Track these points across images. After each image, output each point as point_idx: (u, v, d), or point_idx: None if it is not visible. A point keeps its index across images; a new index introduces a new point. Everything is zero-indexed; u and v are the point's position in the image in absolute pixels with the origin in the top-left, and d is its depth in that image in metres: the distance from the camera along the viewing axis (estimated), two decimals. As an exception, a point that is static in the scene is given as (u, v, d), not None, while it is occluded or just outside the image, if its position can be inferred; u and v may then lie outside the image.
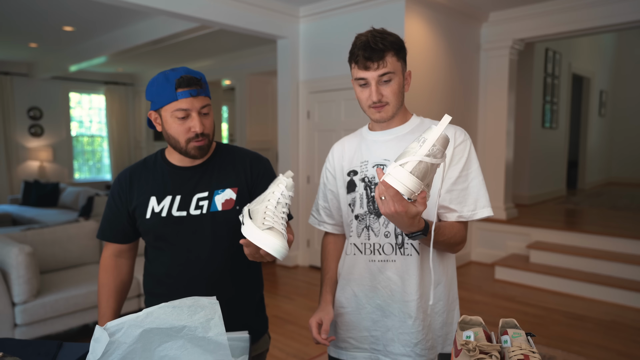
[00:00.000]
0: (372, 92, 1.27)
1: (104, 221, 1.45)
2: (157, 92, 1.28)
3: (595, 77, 8.65)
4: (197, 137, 1.30)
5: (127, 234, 1.44)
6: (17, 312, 2.93)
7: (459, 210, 1.31)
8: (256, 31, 4.72)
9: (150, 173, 1.41)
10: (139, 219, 1.38)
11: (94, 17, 5.31)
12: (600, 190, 8.62)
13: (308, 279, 4.80)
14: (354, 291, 1.41)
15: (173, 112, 1.28)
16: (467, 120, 5.30)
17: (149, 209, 1.36)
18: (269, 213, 1.11)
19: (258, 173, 1.43)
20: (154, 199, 1.37)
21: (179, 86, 1.25)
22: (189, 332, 1.01)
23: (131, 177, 1.42)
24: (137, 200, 1.38)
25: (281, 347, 3.21)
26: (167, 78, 1.27)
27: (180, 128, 1.29)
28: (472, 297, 4.25)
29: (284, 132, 5.24)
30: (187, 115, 1.28)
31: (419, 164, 0.97)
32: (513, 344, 0.98)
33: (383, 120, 1.34)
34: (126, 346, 0.99)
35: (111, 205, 1.43)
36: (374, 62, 1.25)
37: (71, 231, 3.64)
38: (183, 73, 1.27)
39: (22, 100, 8.32)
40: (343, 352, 1.44)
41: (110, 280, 1.46)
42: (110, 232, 1.44)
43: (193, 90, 1.26)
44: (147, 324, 1.00)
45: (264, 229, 1.08)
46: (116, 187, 1.43)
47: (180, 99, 1.25)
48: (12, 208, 7.21)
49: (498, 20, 5.23)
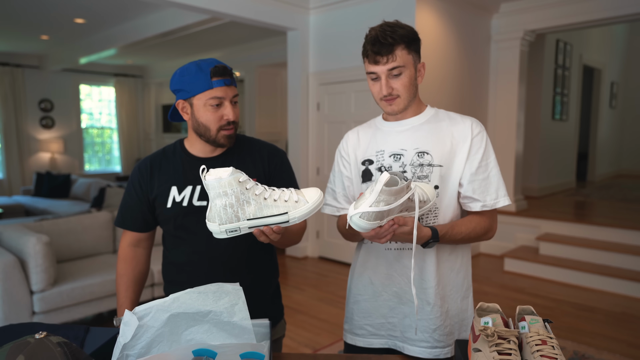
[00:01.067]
0: (382, 85, 1.30)
1: (123, 209, 1.47)
2: (190, 81, 1.31)
3: (606, 69, 8.56)
4: (229, 125, 1.34)
5: (146, 222, 1.47)
6: (35, 300, 3.00)
7: (482, 199, 1.33)
8: (267, 23, 4.73)
9: (170, 163, 1.44)
10: (158, 208, 1.41)
11: (104, 9, 5.34)
12: (610, 182, 8.56)
13: (318, 270, 4.84)
14: (370, 279, 1.43)
15: (207, 100, 1.31)
16: (477, 112, 5.29)
17: (170, 198, 1.39)
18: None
19: (275, 165, 1.46)
20: (175, 189, 1.40)
21: (214, 75, 1.29)
22: (214, 317, 1.04)
23: (152, 165, 1.44)
24: (157, 190, 1.41)
25: (292, 336, 3.26)
26: (201, 67, 1.30)
27: (213, 116, 1.32)
28: (481, 289, 4.27)
29: (294, 124, 5.25)
30: (221, 104, 1.32)
31: (368, 214, 1.05)
32: (531, 330, 1.00)
33: (395, 113, 1.36)
34: (154, 330, 1.02)
35: (131, 194, 1.45)
36: (383, 56, 1.27)
37: (85, 221, 3.69)
38: (216, 63, 1.31)
39: (33, 92, 8.39)
40: (359, 339, 1.46)
41: (128, 271, 1.48)
42: (129, 220, 1.47)
43: (227, 79, 1.30)
44: (174, 309, 1.03)
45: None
46: (136, 175, 1.45)
47: (215, 87, 1.29)
48: (25, 199, 7.30)
49: (509, 11, 5.20)
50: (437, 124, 1.37)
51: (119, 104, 9.57)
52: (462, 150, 1.33)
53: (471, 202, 1.35)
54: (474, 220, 1.33)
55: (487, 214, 1.36)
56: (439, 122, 1.38)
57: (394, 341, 1.41)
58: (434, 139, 1.35)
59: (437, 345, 1.36)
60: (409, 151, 1.35)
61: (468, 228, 1.31)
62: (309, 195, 1.10)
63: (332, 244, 5.16)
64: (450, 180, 1.34)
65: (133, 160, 9.83)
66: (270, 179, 1.44)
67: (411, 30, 1.31)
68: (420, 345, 1.36)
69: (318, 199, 1.10)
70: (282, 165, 1.48)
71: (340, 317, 3.58)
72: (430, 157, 1.33)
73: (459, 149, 1.33)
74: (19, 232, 3.13)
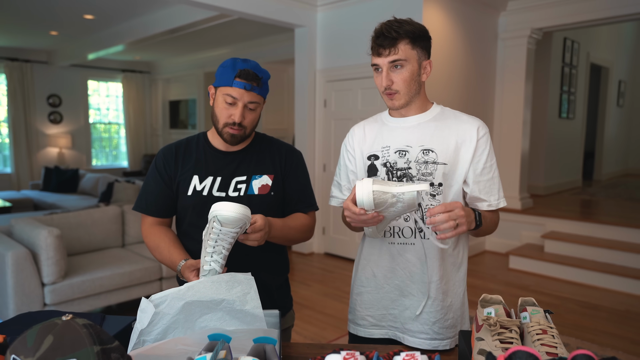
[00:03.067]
0: (383, 77, 1.33)
1: (145, 194, 1.49)
2: (221, 73, 1.38)
3: (614, 67, 8.52)
4: (234, 125, 1.38)
5: (168, 207, 1.48)
6: (47, 292, 3.06)
7: (488, 199, 1.38)
8: (275, 20, 4.76)
9: (194, 152, 1.49)
10: (180, 195, 1.46)
11: (113, 5, 5.39)
12: (616, 181, 8.54)
13: (323, 266, 4.89)
14: (373, 271, 1.47)
15: (224, 95, 1.37)
16: (483, 110, 5.30)
17: (191, 186, 1.44)
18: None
19: (292, 164, 1.52)
20: (197, 178, 1.45)
21: (238, 76, 1.35)
22: (227, 305, 1.08)
23: (176, 152, 1.49)
24: (180, 176, 1.46)
25: (299, 330, 3.30)
26: (234, 65, 1.37)
27: (224, 111, 1.38)
28: (486, 286, 4.29)
29: (300, 121, 5.29)
30: (234, 103, 1.37)
31: (383, 194, 1.12)
32: (532, 320, 1.03)
33: (395, 108, 1.39)
34: (170, 317, 1.06)
35: (155, 177, 1.47)
36: (385, 49, 1.31)
37: (95, 216, 3.75)
38: (250, 67, 1.36)
39: (42, 88, 8.47)
40: (361, 329, 1.50)
41: (161, 238, 1.43)
42: (152, 205, 1.46)
43: (248, 84, 1.35)
44: (188, 297, 1.07)
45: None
46: (160, 159, 1.48)
47: (234, 87, 1.35)
48: (33, 193, 7.39)
49: (516, 9, 5.20)
50: (443, 122, 1.40)
51: (126, 99, 9.64)
52: (467, 150, 1.36)
53: (479, 202, 1.39)
54: (490, 213, 1.40)
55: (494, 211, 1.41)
56: (445, 120, 1.40)
57: (395, 332, 1.45)
58: (439, 137, 1.37)
59: (437, 337, 1.40)
60: (414, 148, 1.38)
61: (488, 216, 1.37)
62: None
63: (338, 240, 5.20)
64: (454, 179, 1.37)
65: (140, 155, 9.90)
66: (286, 176, 1.50)
67: (420, 28, 1.33)
68: (420, 337, 1.40)
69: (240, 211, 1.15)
70: (298, 165, 1.54)
71: (345, 312, 3.62)
72: (435, 154, 1.36)
73: (464, 149, 1.36)
74: (31, 225, 3.19)
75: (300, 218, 1.49)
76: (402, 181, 1.39)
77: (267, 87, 1.43)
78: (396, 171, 1.39)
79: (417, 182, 1.36)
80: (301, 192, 1.53)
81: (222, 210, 1.12)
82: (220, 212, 1.12)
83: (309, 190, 1.56)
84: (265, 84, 1.41)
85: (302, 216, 1.51)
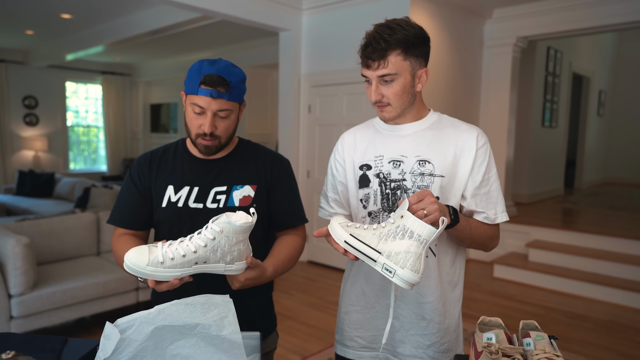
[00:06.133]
0: (372, 91, 1.24)
1: (119, 206, 1.38)
2: (189, 78, 1.26)
3: (594, 77, 8.64)
4: (205, 136, 1.26)
5: (144, 219, 1.37)
6: (14, 304, 2.89)
7: (486, 212, 1.29)
8: (259, 23, 4.66)
9: (170, 161, 1.38)
10: (154, 206, 1.35)
11: (92, 5, 5.23)
12: (597, 189, 8.64)
13: (306, 274, 4.78)
14: (363, 290, 1.38)
15: (192, 105, 1.25)
16: (468, 117, 5.27)
17: (166, 197, 1.33)
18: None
19: (278, 174, 1.40)
20: (172, 188, 1.34)
21: (203, 82, 1.22)
22: (202, 330, 0.98)
23: (151, 160, 1.38)
24: (155, 187, 1.35)
25: (281, 342, 3.19)
26: (200, 70, 1.23)
27: (193, 121, 1.27)
28: (470, 295, 4.24)
29: (284, 126, 5.19)
30: (202, 113, 1.25)
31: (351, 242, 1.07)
32: (537, 347, 0.95)
33: (386, 120, 1.30)
34: (137, 344, 0.95)
35: (130, 188, 1.37)
36: (374, 62, 1.20)
37: (68, 222, 3.58)
38: (217, 71, 1.22)
39: (17, 89, 8.21)
40: (350, 351, 1.40)
41: (130, 244, 1.29)
42: (126, 217, 1.36)
43: (214, 91, 1.22)
44: (159, 321, 0.96)
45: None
46: (135, 169, 1.38)
47: (199, 95, 1.23)
48: (6, 198, 7.12)
49: (502, 17, 5.20)
50: (440, 131, 1.30)
51: (106, 102, 9.42)
52: (466, 161, 1.27)
53: (475, 215, 1.30)
54: (485, 225, 1.29)
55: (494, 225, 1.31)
56: (442, 129, 1.31)
57: (386, 354, 1.36)
58: (436, 147, 1.28)
59: None
60: (410, 158, 1.28)
61: (479, 224, 1.27)
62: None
63: (322, 248, 5.10)
64: (452, 192, 1.28)
65: (119, 159, 9.67)
66: (271, 187, 1.39)
67: (416, 32, 1.21)
68: None
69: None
70: (285, 174, 1.42)
71: (330, 323, 3.52)
72: (432, 166, 1.26)
73: (463, 160, 1.27)
74: (-2, 233, 3.02)
75: (290, 242, 1.38)
76: (395, 194, 1.29)
77: (242, 89, 1.29)
78: (390, 182, 1.29)
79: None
80: (290, 204, 1.42)
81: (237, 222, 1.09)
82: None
83: (298, 202, 1.45)
84: (238, 87, 1.26)
85: (291, 239, 1.40)
